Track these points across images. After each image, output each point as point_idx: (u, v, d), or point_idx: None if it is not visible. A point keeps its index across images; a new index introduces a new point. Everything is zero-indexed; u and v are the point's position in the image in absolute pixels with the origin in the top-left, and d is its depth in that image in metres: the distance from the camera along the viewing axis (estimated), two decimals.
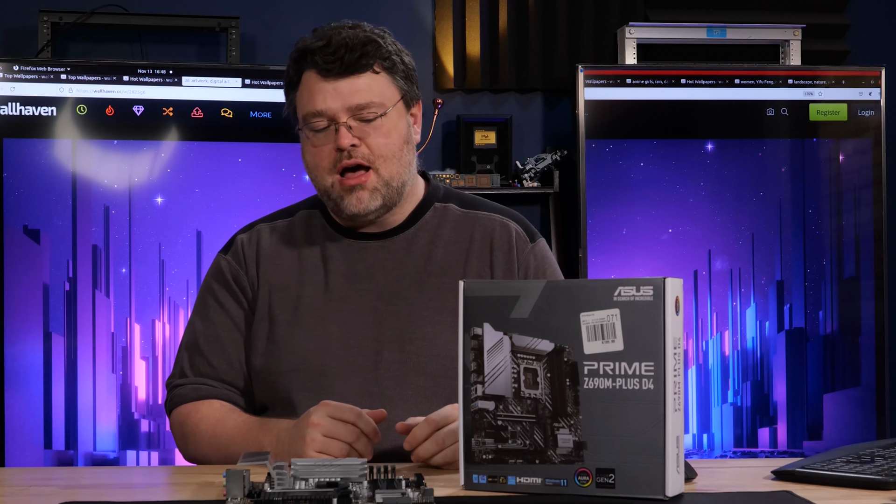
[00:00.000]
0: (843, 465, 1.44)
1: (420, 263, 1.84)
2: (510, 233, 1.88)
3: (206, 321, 1.86)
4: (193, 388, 1.83)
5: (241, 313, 1.86)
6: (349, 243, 1.86)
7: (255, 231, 1.91)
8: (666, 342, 1.29)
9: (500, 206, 1.95)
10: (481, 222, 1.89)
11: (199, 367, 1.84)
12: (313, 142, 1.81)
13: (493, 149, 3.93)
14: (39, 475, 1.70)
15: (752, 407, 3.74)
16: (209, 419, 1.77)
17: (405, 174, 1.83)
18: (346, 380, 1.77)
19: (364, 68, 1.78)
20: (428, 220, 1.89)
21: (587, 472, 1.32)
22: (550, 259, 1.91)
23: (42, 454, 3.37)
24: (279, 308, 1.83)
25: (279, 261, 1.86)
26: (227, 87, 3.53)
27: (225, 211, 3.47)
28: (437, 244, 1.86)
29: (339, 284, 1.83)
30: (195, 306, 1.91)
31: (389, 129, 1.79)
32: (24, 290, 3.39)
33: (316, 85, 1.79)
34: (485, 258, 1.85)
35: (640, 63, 3.88)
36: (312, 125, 1.80)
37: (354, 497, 1.21)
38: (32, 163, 3.42)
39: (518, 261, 1.86)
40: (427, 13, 4.01)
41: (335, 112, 1.77)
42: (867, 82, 3.82)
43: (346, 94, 1.77)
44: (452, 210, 1.90)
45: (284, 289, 1.84)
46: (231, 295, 1.86)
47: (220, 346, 1.84)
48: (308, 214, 1.92)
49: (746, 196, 3.77)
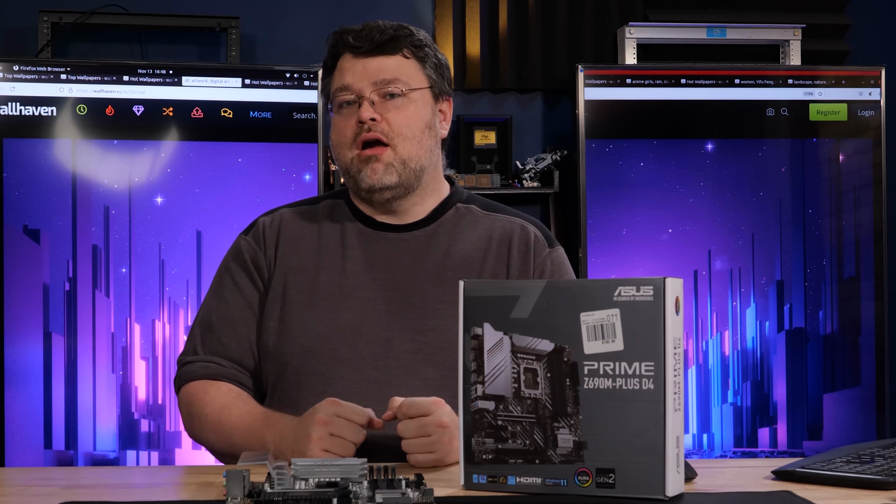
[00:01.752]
0: (843, 465, 1.44)
1: (438, 258, 1.86)
2: (529, 235, 1.90)
3: (220, 300, 1.88)
4: (202, 366, 1.84)
5: (256, 294, 1.87)
6: (369, 232, 1.88)
7: (278, 214, 1.93)
8: (666, 342, 1.29)
9: (520, 212, 1.98)
10: (501, 223, 1.91)
11: (210, 344, 1.86)
12: (338, 118, 1.86)
13: (493, 149, 3.93)
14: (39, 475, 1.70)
15: (752, 407, 3.74)
16: (214, 404, 1.78)
17: (424, 159, 1.86)
18: (355, 366, 1.78)
19: (394, 50, 1.85)
20: (449, 217, 1.91)
21: (587, 472, 1.32)
22: (567, 266, 1.93)
23: (42, 454, 3.37)
24: (294, 290, 1.84)
25: (299, 244, 1.88)
26: (227, 87, 3.53)
27: (225, 211, 3.47)
28: (456, 241, 1.88)
29: (356, 272, 1.85)
30: (211, 285, 1.93)
31: (411, 111, 1.84)
32: (24, 290, 3.39)
33: (347, 62, 1.85)
34: (502, 257, 1.87)
35: (640, 63, 3.88)
36: (339, 99, 1.85)
37: (354, 497, 1.21)
38: (32, 163, 3.42)
39: (535, 263, 1.88)
40: (427, 13, 4.01)
41: (361, 87, 1.83)
42: (867, 82, 3.82)
43: (372, 71, 1.83)
44: (474, 211, 1.94)
45: (302, 271, 1.86)
46: (247, 275, 1.88)
47: (231, 325, 1.86)
48: (332, 203, 1.94)
49: (746, 196, 3.77)
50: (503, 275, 1.85)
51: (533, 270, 1.87)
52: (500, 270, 1.86)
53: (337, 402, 1.60)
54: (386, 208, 1.88)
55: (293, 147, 3.54)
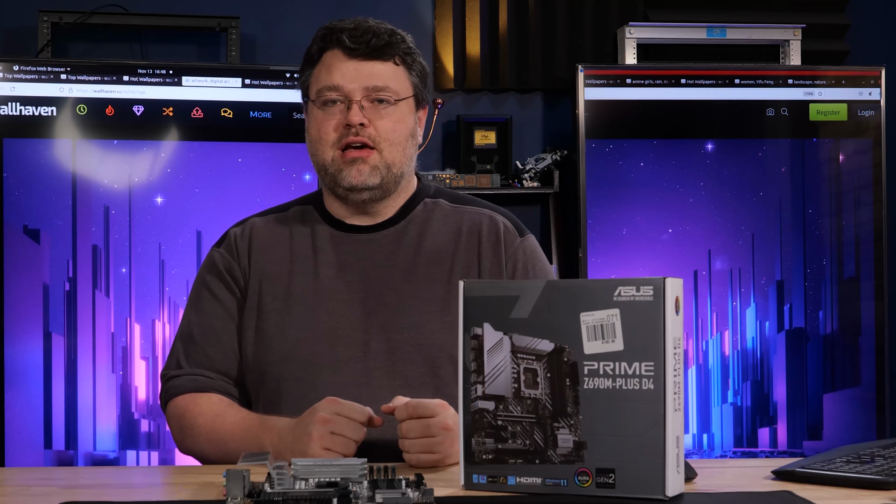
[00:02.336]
0: (843, 465, 1.44)
1: (409, 255, 1.86)
2: (498, 226, 1.90)
3: (200, 312, 1.88)
4: (190, 379, 1.83)
5: (235, 303, 1.87)
6: (340, 235, 1.88)
7: (248, 224, 1.94)
8: (666, 342, 1.29)
9: (488, 203, 1.98)
10: (470, 216, 1.91)
11: (195, 357, 1.85)
12: (321, 115, 1.84)
13: (493, 149, 3.93)
14: (39, 475, 1.70)
15: (752, 407, 3.74)
16: (207, 414, 1.78)
17: (405, 165, 1.87)
18: (334, 369, 1.79)
19: (387, 56, 1.85)
20: (418, 213, 1.91)
21: (587, 472, 1.32)
22: (539, 254, 1.93)
23: (42, 454, 3.37)
24: (269, 297, 1.85)
25: (271, 251, 1.88)
26: (227, 87, 3.53)
27: (225, 211, 3.47)
28: (426, 236, 1.88)
29: (330, 275, 1.85)
30: (189, 299, 1.93)
31: (398, 119, 1.84)
32: (24, 290, 3.39)
33: (338, 61, 1.84)
34: (472, 250, 1.87)
35: (640, 63, 3.88)
36: (325, 97, 1.83)
37: (354, 497, 1.21)
38: (32, 163, 3.42)
39: (506, 253, 1.88)
40: (427, 13, 4.01)
41: (352, 90, 1.82)
42: (867, 82, 3.82)
43: (365, 75, 1.82)
44: (442, 205, 1.93)
45: (275, 278, 1.86)
46: (224, 285, 1.88)
47: (214, 336, 1.85)
48: (302, 210, 1.94)
49: (746, 196, 3.77)
50: (475, 267, 1.85)
51: (505, 261, 1.87)
52: (472, 263, 1.86)
53: (337, 400, 1.60)
54: (359, 209, 1.88)
55: (293, 147, 3.53)
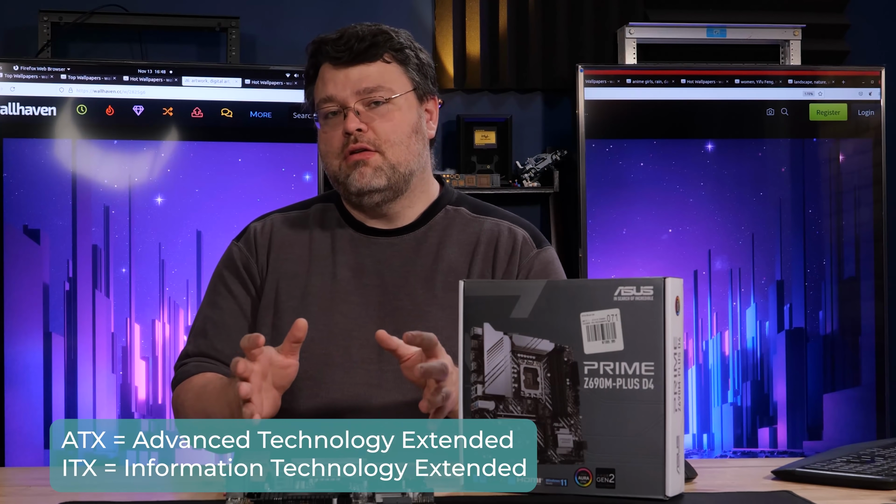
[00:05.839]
0: (843, 465, 1.44)
1: (427, 262, 1.86)
2: (516, 238, 1.90)
3: (214, 307, 1.89)
4: (196, 365, 1.85)
5: (249, 300, 1.88)
6: (359, 237, 1.88)
7: (269, 220, 1.94)
8: (666, 342, 1.29)
9: (511, 214, 1.97)
10: (489, 226, 1.91)
11: (204, 350, 1.87)
12: (325, 128, 1.85)
13: (493, 149, 3.93)
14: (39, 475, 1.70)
15: (752, 407, 3.74)
16: (195, 387, 1.80)
17: (413, 163, 1.86)
18: (347, 370, 1.79)
19: (374, 57, 1.83)
20: (438, 221, 1.91)
21: (587, 472, 1.32)
22: (556, 266, 1.92)
23: (42, 454, 3.37)
24: (286, 296, 1.85)
25: (290, 249, 1.89)
26: (227, 87, 3.53)
27: (225, 211, 3.47)
28: (445, 244, 1.88)
29: (347, 277, 1.85)
30: (206, 293, 1.94)
31: (397, 117, 1.83)
32: (24, 290, 3.38)
33: (328, 73, 1.84)
34: (488, 260, 1.87)
35: (640, 63, 3.88)
36: (324, 110, 1.84)
37: (354, 497, 1.21)
38: (32, 163, 3.42)
39: (520, 264, 1.87)
40: (427, 13, 4.01)
41: (344, 98, 1.82)
42: (867, 82, 3.82)
43: (355, 80, 1.82)
44: (463, 213, 1.93)
45: (293, 277, 1.86)
46: (240, 282, 1.89)
47: (225, 332, 1.86)
48: (323, 207, 1.94)
49: (746, 196, 3.77)
50: (489, 277, 1.85)
51: (518, 272, 1.87)
52: (486, 273, 1.86)
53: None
54: (376, 212, 1.88)
55: (293, 147, 3.54)
